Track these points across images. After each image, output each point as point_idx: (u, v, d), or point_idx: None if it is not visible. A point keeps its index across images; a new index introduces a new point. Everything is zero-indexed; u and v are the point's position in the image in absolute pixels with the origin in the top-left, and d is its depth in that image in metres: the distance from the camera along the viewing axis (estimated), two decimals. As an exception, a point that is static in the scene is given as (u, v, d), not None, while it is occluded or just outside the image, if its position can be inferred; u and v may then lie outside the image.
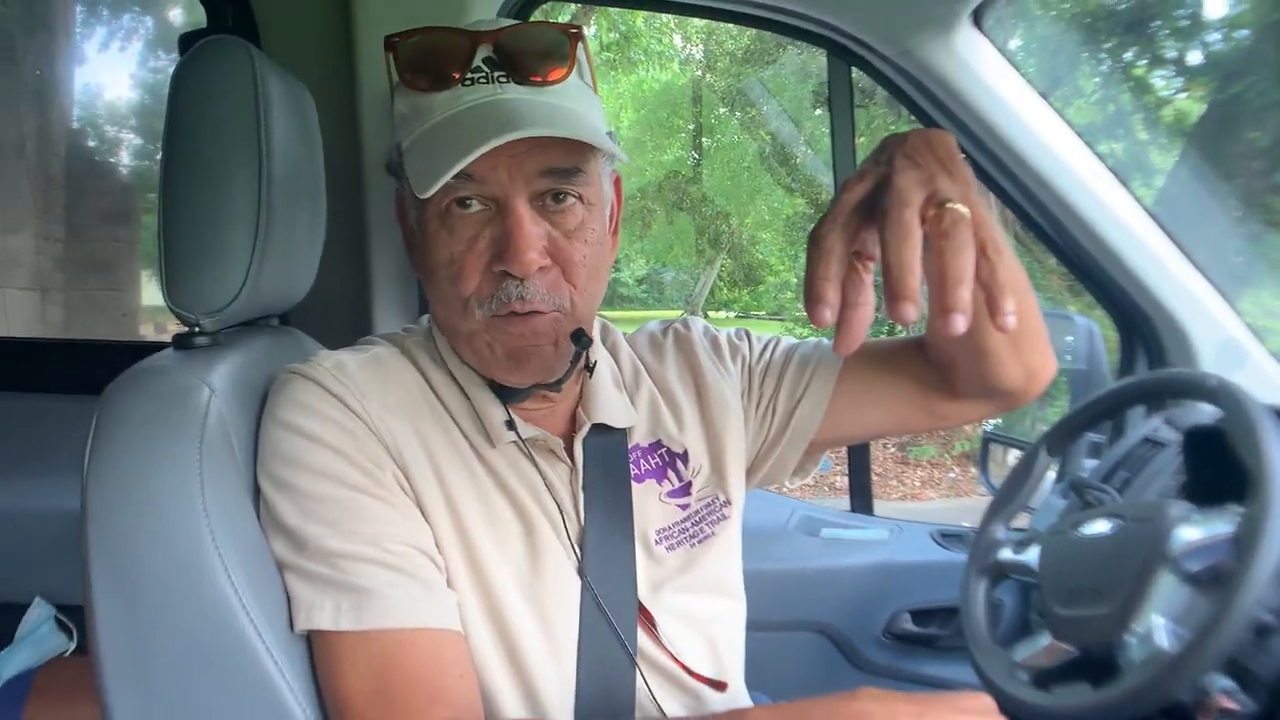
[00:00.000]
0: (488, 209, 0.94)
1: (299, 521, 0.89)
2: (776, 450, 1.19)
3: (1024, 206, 1.73)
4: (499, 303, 0.94)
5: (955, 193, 0.76)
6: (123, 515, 0.82)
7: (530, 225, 0.92)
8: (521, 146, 0.91)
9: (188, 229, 0.95)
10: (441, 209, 0.95)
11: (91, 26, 8.25)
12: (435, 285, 0.99)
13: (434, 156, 0.90)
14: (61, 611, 1.77)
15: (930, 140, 0.82)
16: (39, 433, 1.82)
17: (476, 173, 0.91)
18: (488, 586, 0.96)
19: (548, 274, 0.95)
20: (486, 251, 0.94)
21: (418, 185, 0.90)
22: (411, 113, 0.98)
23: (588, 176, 0.96)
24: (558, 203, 0.95)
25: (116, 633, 0.82)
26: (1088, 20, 5.99)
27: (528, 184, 0.93)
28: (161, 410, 0.85)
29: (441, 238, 0.95)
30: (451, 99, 0.95)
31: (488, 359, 0.98)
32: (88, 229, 7.73)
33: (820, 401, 1.16)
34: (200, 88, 0.96)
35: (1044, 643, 1.21)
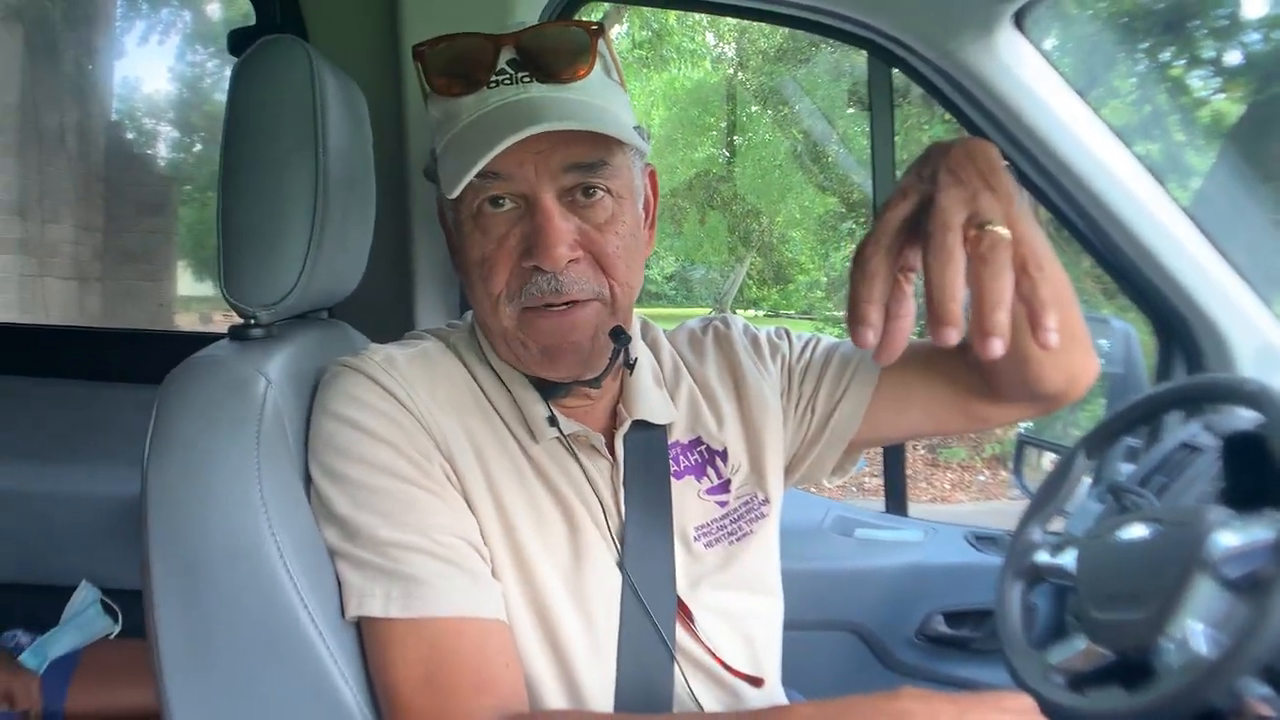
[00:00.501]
0: (518, 207, 0.96)
1: (351, 511, 0.91)
2: (815, 449, 1.19)
3: (1061, 208, 1.73)
4: (528, 296, 0.96)
5: (997, 211, 0.76)
6: (183, 502, 0.84)
7: (559, 220, 0.94)
8: (546, 143, 0.93)
9: (246, 224, 0.97)
10: (474, 209, 0.97)
11: (131, 21, 8.35)
12: (470, 285, 1.01)
13: (461, 157, 0.92)
14: (107, 595, 1.81)
15: (973, 153, 0.82)
16: (86, 419, 1.86)
17: (504, 170, 0.93)
18: (531, 579, 0.98)
19: (580, 265, 0.97)
20: (517, 248, 0.96)
21: (446, 187, 0.93)
22: (443, 118, 1.00)
23: (615, 169, 0.98)
24: (587, 197, 0.97)
25: (175, 617, 0.84)
26: (1124, 20, 5.93)
27: (554, 180, 0.94)
28: (220, 400, 0.87)
29: (475, 238, 0.97)
30: (478, 102, 0.97)
31: (523, 355, 1.00)
32: (125, 220, 7.82)
33: (860, 402, 1.17)
34: (259, 86, 0.99)
35: (1080, 646, 1.22)
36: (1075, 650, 1.22)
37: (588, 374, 1.02)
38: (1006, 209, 0.77)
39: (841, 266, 9.64)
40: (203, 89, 9.05)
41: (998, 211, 0.76)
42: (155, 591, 0.84)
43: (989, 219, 0.75)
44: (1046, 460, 1.98)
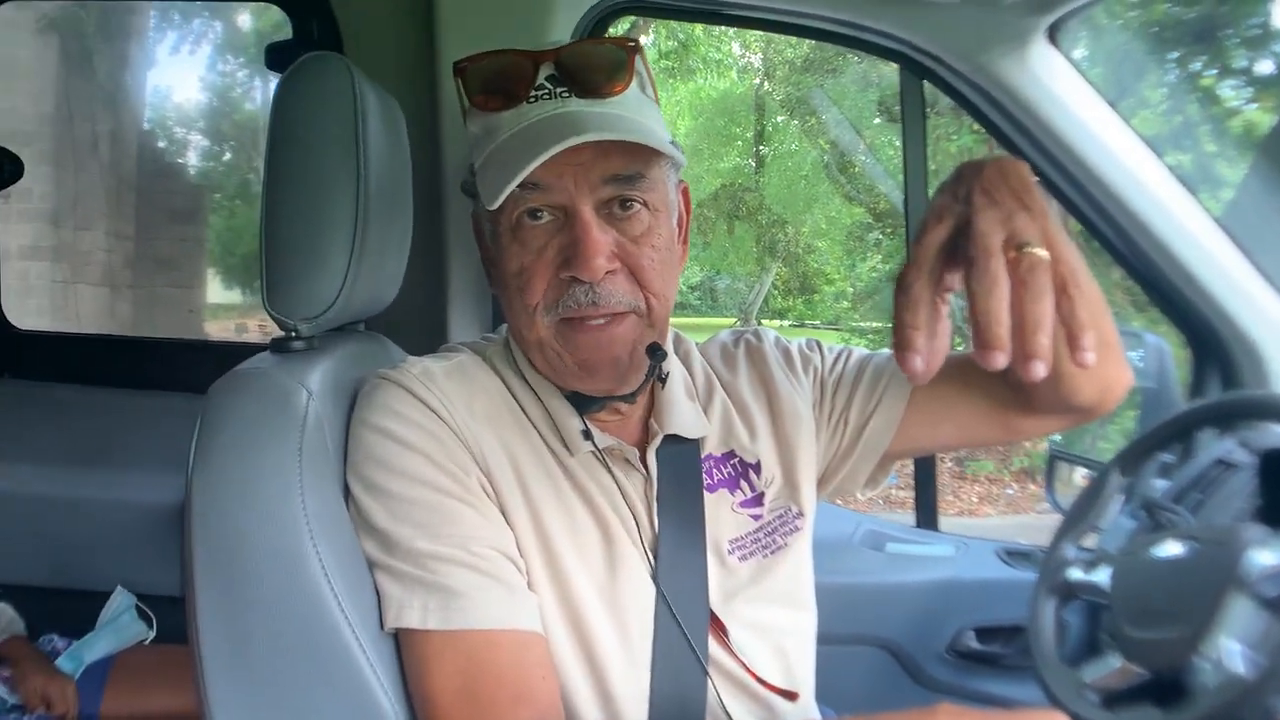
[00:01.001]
0: (556, 219, 0.97)
1: (389, 523, 0.92)
2: (849, 462, 1.20)
3: (1093, 220, 1.72)
4: (565, 307, 0.97)
5: (1034, 231, 0.76)
6: (227, 512, 0.85)
7: (597, 232, 0.95)
8: (586, 155, 0.94)
9: (288, 239, 0.98)
10: (512, 222, 0.98)
11: (163, 31, 8.43)
12: (507, 298, 1.02)
13: (503, 169, 0.93)
14: (141, 600, 1.84)
15: (1006, 172, 0.82)
16: (124, 426, 1.89)
17: (544, 181, 0.94)
18: (567, 591, 0.98)
19: (617, 277, 0.97)
20: (555, 260, 0.97)
21: (487, 198, 0.94)
22: (482, 133, 1.01)
23: (651, 182, 0.99)
24: (624, 210, 0.98)
25: (217, 625, 0.85)
26: (1155, 30, 5.88)
27: (593, 191, 0.95)
28: (264, 412, 0.89)
29: (513, 250, 0.98)
30: (517, 116, 0.98)
31: (559, 368, 1.01)
32: (156, 228, 7.89)
33: (894, 415, 1.17)
34: (302, 103, 1.00)
35: (1114, 664, 1.21)
36: (1110, 668, 1.21)
37: (623, 389, 1.02)
38: (1043, 227, 0.77)
39: (868, 277, 9.59)
40: (233, 98, 9.14)
41: (1034, 231, 0.76)
42: (198, 599, 0.85)
43: (1027, 240, 0.76)
44: (1078, 475, 1.96)
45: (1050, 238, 0.77)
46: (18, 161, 2.07)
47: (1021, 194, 0.80)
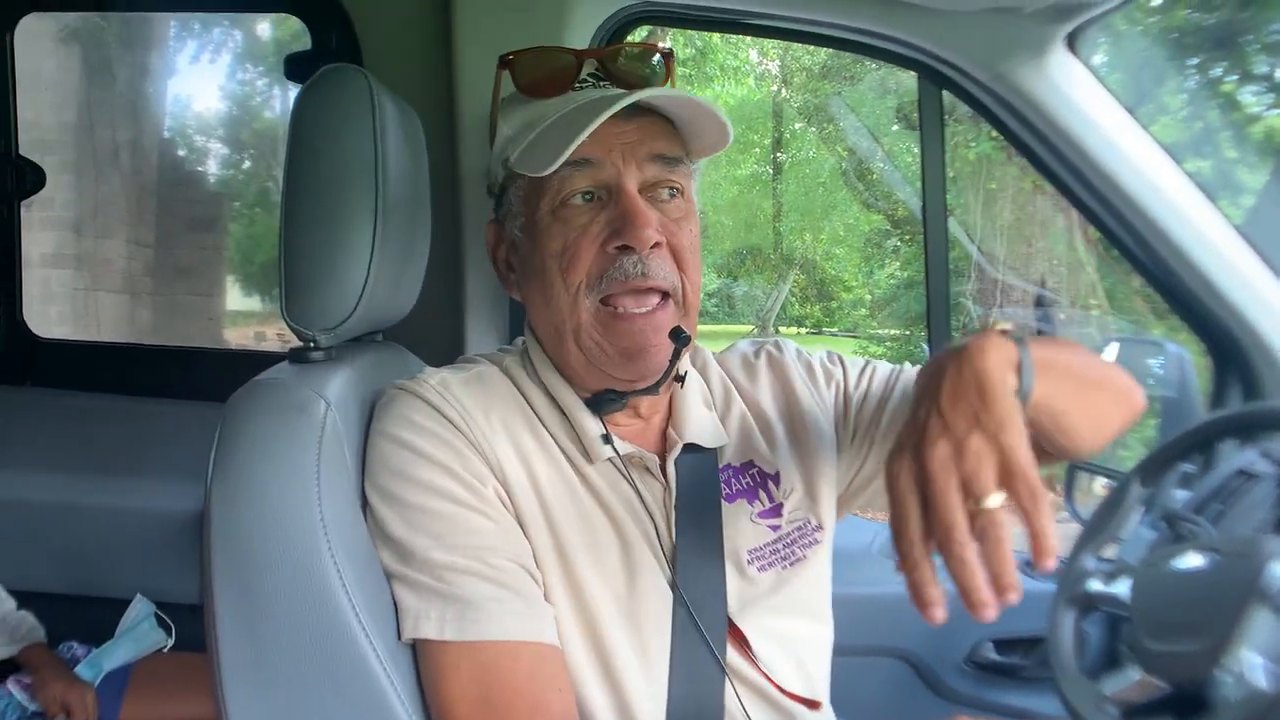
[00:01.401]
0: (600, 199, 1.00)
1: (406, 533, 0.93)
2: (878, 480, 1.19)
3: (1112, 227, 1.71)
4: (611, 281, 0.99)
5: (986, 468, 0.80)
6: (246, 522, 0.85)
7: (645, 206, 0.98)
8: (633, 135, 1.00)
9: (307, 250, 0.99)
10: (555, 204, 1.01)
11: (183, 40, 8.50)
12: (544, 286, 1.03)
13: (554, 141, 0.97)
14: (160, 609, 1.84)
15: (966, 382, 0.85)
16: (144, 435, 1.90)
17: (594, 157, 0.98)
18: (584, 602, 0.98)
19: (663, 252, 1.00)
20: (600, 234, 0.99)
21: (538, 167, 0.96)
22: (523, 125, 1.05)
23: (686, 170, 1.04)
24: (664, 196, 1.02)
25: (236, 634, 0.86)
26: (1174, 36, 5.86)
27: (640, 169, 1.00)
28: (283, 422, 0.89)
29: (554, 230, 1.01)
30: (564, 102, 1.04)
31: (596, 357, 1.01)
32: (176, 236, 7.95)
33: None
34: (321, 114, 1.01)
35: (1134, 677, 1.19)
36: (1129, 681, 1.20)
37: (651, 377, 1.03)
38: (998, 437, 0.81)
39: (886, 284, 9.57)
40: (252, 107, 9.20)
41: (987, 468, 0.80)
42: (217, 607, 0.86)
43: (980, 492, 0.79)
44: (1097, 485, 1.95)
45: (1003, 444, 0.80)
46: (40, 171, 2.09)
47: (979, 408, 0.83)
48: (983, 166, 7.10)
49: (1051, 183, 1.72)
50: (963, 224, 7.09)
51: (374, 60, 1.70)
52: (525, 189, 1.05)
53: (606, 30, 1.61)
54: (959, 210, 7.16)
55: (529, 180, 1.04)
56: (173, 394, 1.96)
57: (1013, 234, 7.28)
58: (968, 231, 7.16)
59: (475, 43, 1.54)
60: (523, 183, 1.06)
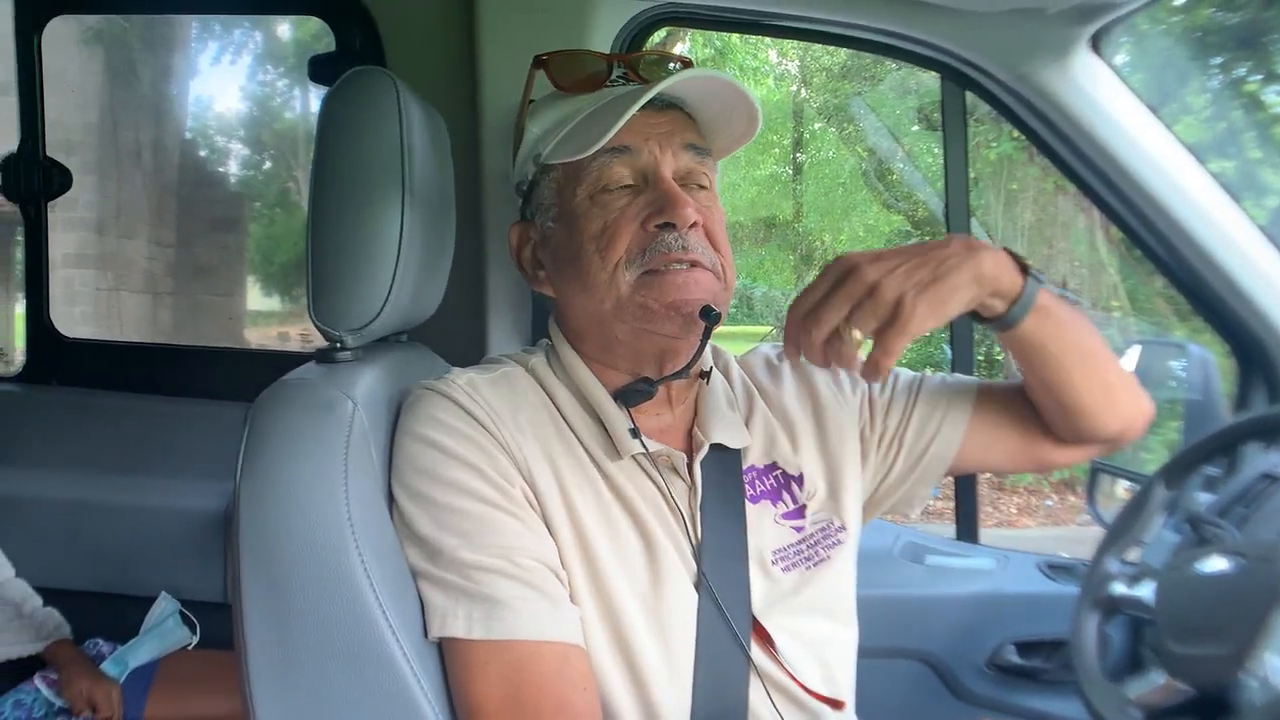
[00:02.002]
0: (637, 186, 1.04)
1: (433, 532, 0.93)
2: (905, 485, 1.21)
3: (1135, 228, 1.70)
4: (652, 254, 1.01)
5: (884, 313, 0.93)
6: (274, 520, 0.86)
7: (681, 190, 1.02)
8: (666, 125, 1.05)
9: (335, 251, 1.00)
10: (594, 190, 1.04)
11: (204, 42, 8.56)
12: (581, 269, 1.05)
13: (594, 128, 1.02)
14: (185, 606, 1.86)
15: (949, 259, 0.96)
16: (170, 434, 1.91)
17: (631, 144, 1.02)
18: (609, 601, 0.99)
19: (699, 232, 1.03)
20: (641, 213, 1.03)
21: (579, 149, 1.02)
22: (555, 122, 1.10)
23: (712, 166, 1.09)
24: (694, 187, 1.06)
25: (264, 630, 0.86)
26: (1198, 35, 5.82)
27: (675, 157, 1.04)
28: (310, 422, 0.90)
29: (593, 214, 1.04)
30: (598, 96, 1.09)
31: (645, 319, 1.02)
32: (197, 236, 8.02)
33: (954, 441, 1.19)
34: (348, 117, 1.02)
35: (1158, 680, 1.19)
36: (1153, 684, 1.20)
37: (684, 356, 1.06)
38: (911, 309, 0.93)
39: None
40: (273, 108, 9.26)
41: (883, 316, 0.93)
42: (245, 605, 0.86)
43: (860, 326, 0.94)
44: (1120, 487, 1.94)
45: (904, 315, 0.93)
46: (66, 173, 2.11)
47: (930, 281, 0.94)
48: (1004, 167, 7.07)
49: (1075, 183, 1.71)
50: (984, 225, 7.06)
51: (397, 62, 1.71)
52: (559, 180, 1.08)
53: (629, 32, 1.61)
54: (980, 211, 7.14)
55: (563, 171, 1.07)
56: (197, 393, 1.98)
57: (1034, 235, 7.25)
58: (989, 232, 7.13)
59: (498, 45, 1.54)
60: (556, 174, 1.09)
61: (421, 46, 1.68)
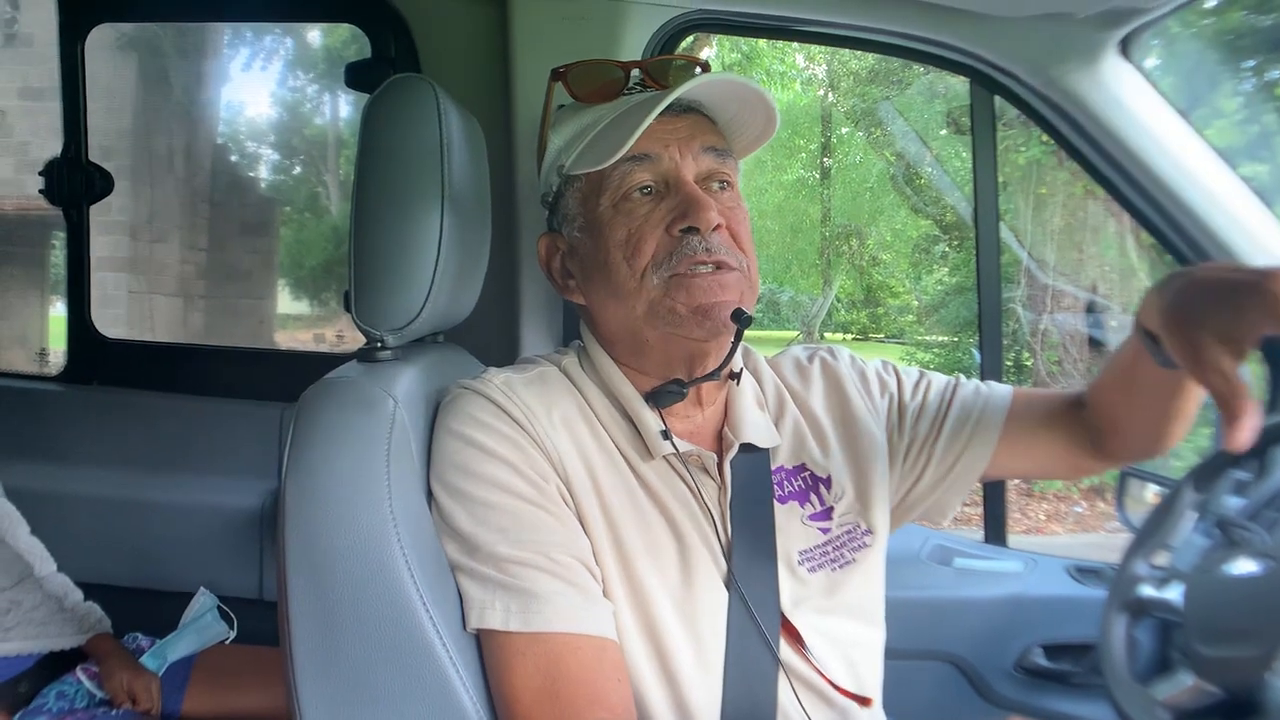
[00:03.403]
0: (659, 192, 1.06)
1: (472, 527, 0.95)
2: (936, 493, 1.22)
3: (1166, 233, 1.69)
4: (679, 259, 1.02)
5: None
6: (319, 516, 0.88)
7: (704, 193, 1.04)
8: (685, 130, 1.06)
9: (377, 254, 1.03)
10: (616, 197, 1.06)
11: (236, 47, 8.66)
12: (609, 277, 1.06)
13: (613, 137, 1.03)
14: (223, 602, 1.89)
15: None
16: (208, 433, 1.95)
17: (652, 151, 1.04)
18: (641, 597, 1.00)
19: (723, 234, 1.04)
20: (664, 220, 1.04)
21: (600, 160, 1.03)
22: (575, 133, 1.11)
23: (734, 165, 1.10)
24: (718, 188, 1.08)
25: (308, 621, 0.88)
26: (1229, 38, 5.77)
27: (695, 161, 1.05)
28: (353, 420, 0.92)
29: (618, 221, 1.06)
30: (616, 105, 1.10)
31: (675, 323, 1.04)
32: (228, 240, 8.11)
33: (986, 450, 1.20)
34: (390, 123, 1.05)
35: (1186, 682, 1.19)
36: (1182, 686, 1.19)
37: (714, 358, 1.07)
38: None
39: (934, 290, 9.49)
40: (303, 113, 9.35)
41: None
42: (290, 598, 0.89)
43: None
44: (1149, 492, 1.93)
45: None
46: (108, 177, 2.15)
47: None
48: (1033, 171, 7.03)
49: (1104, 188, 1.71)
50: (1013, 229, 7.02)
51: (432, 69, 1.74)
52: (583, 190, 1.10)
53: (660, 38, 1.63)
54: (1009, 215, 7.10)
55: (586, 181, 1.09)
56: (233, 393, 2.01)
57: (1063, 239, 7.20)
58: (1018, 237, 7.10)
59: (532, 53, 1.57)
60: (580, 184, 1.10)
61: (456, 54, 1.71)
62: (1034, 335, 7.08)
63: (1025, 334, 7.09)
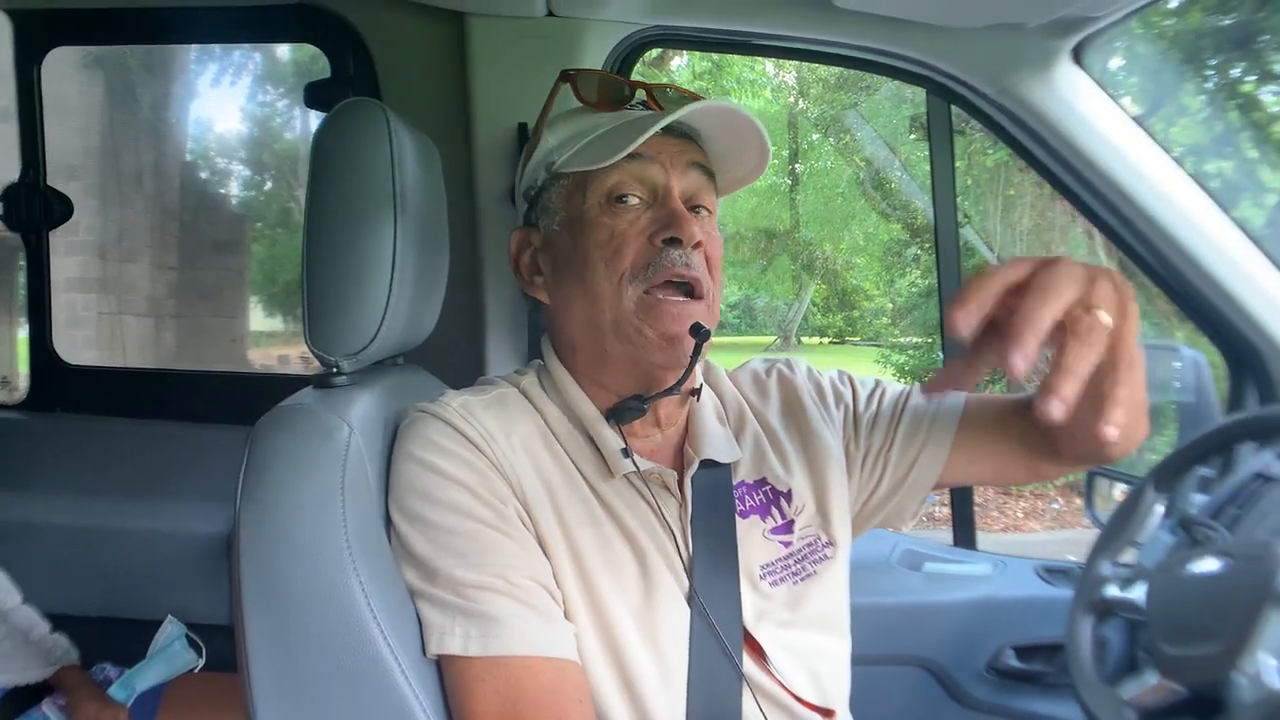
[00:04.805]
0: (645, 202, 1.07)
1: (430, 552, 0.95)
2: (894, 500, 1.22)
3: (1125, 238, 1.72)
4: (656, 270, 1.03)
5: (1111, 299, 0.78)
6: (273, 543, 0.88)
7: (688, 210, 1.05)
8: (677, 146, 1.08)
9: (329, 278, 1.02)
10: (604, 200, 1.07)
11: (204, 64, 8.61)
12: (584, 276, 1.07)
13: (615, 141, 1.04)
14: (191, 629, 1.87)
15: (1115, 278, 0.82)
16: (172, 458, 1.93)
17: (647, 152, 1.05)
18: (604, 617, 1.00)
19: (700, 253, 1.06)
20: (649, 228, 1.05)
21: (599, 160, 1.04)
22: (574, 134, 1.12)
23: (714, 195, 1.13)
24: (695, 214, 1.08)
25: (266, 652, 0.88)
26: (1192, 37, 5.84)
27: (682, 175, 1.07)
28: (308, 447, 0.92)
29: (602, 222, 1.06)
30: (618, 116, 1.11)
31: (639, 343, 1.04)
32: (199, 258, 8.05)
33: (939, 456, 1.20)
34: (341, 147, 1.04)
35: (1152, 681, 1.20)
36: (1147, 685, 1.21)
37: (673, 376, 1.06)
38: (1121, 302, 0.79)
39: (907, 292, 9.54)
40: (273, 128, 9.30)
41: (1112, 300, 0.78)
42: (247, 627, 0.88)
43: (1100, 304, 0.77)
44: (1118, 490, 1.95)
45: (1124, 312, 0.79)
46: (67, 202, 2.13)
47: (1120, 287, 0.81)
48: (1000, 174, 7.09)
49: (1063, 194, 1.73)
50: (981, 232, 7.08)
51: (390, 88, 1.73)
52: (569, 186, 1.11)
53: (618, 55, 1.64)
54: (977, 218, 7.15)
55: (573, 179, 1.10)
56: (200, 418, 2.00)
57: (1032, 240, 7.26)
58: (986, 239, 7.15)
59: (490, 70, 1.57)
60: (567, 181, 1.11)
61: (415, 71, 1.71)
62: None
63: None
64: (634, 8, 1.62)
